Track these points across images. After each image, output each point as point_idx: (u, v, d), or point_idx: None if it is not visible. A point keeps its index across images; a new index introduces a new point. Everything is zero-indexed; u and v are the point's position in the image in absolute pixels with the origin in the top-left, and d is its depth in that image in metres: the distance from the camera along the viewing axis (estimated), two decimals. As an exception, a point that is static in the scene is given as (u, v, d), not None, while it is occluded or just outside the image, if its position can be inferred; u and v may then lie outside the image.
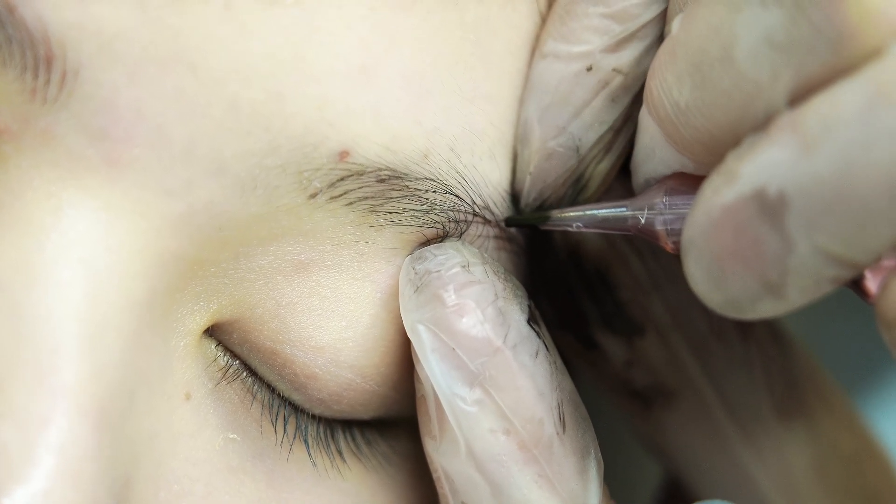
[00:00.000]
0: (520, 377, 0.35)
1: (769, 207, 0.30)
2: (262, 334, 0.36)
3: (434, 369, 0.35)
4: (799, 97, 0.30)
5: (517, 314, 0.36)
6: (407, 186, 0.35)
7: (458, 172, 0.36)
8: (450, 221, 0.36)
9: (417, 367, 0.36)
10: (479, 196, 0.36)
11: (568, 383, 0.36)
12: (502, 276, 0.36)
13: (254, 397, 0.37)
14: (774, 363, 0.41)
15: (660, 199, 0.35)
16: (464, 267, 0.36)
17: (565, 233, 0.39)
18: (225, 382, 0.36)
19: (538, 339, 0.36)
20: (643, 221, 0.35)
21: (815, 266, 0.30)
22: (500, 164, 0.37)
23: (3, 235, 0.33)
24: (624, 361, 0.41)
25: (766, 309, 0.31)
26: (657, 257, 0.40)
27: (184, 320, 0.35)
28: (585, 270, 0.40)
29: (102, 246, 0.33)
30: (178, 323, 0.35)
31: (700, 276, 0.32)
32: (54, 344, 0.32)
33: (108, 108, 0.32)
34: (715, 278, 0.31)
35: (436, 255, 0.36)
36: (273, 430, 0.37)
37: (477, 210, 0.37)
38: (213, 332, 0.36)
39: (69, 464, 0.32)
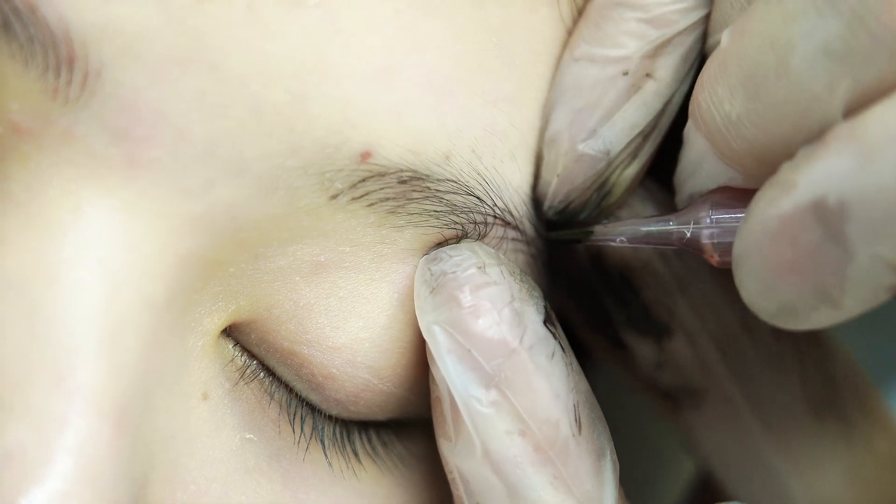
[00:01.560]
0: (536, 378, 0.35)
1: (828, 217, 0.30)
2: (279, 335, 0.36)
3: (450, 371, 0.35)
4: (855, 107, 0.30)
5: (533, 315, 0.35)
6: (428, 188, 0.35)
7: (479, 174, 0.36)
8: (470, 223, 0.36)
9: (433, 369, 0.35)
10: (500, 198, 0.36)
11: (584, 384, 0.36)
12: (518, 277, 0.36)
13: (271, 397, 0.36)
14: (809, 360, 0.41)
15: (705, 213, 0.35)
16: (480, 268, 0.35)
17: (579, 227, 0.39)
18: (243, 383, 0.36)
19: (554, 341, 0.35)
20: (689, 235, 0.35)
21: (874, 275, 0.30)
22: (520, 166, 0.37)
23: (22, 234, 0.32)
24: (653, 363, 0.41)
25: (821, 319, 0.31)
26: (681, 257, 0.40)
27: (201, 320, 0.35)
28: (608, 273, 0.40)
29: (121, 246, 0.33)
30: (195, 323, 0.35)
31: (754, 288, 0.32)
32: (72, 344, 0.32)
33: (130, 109, 0.32)
34: (770, 289, 0.31)
35: (451, 256, 0.36)
36: (291, 430, 0.37)
37: (497, 212, 0.36)
38: (231, 333, 0.36)
39: (87, 465, 0.32)
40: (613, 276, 0.40)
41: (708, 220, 0.35)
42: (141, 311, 0.33)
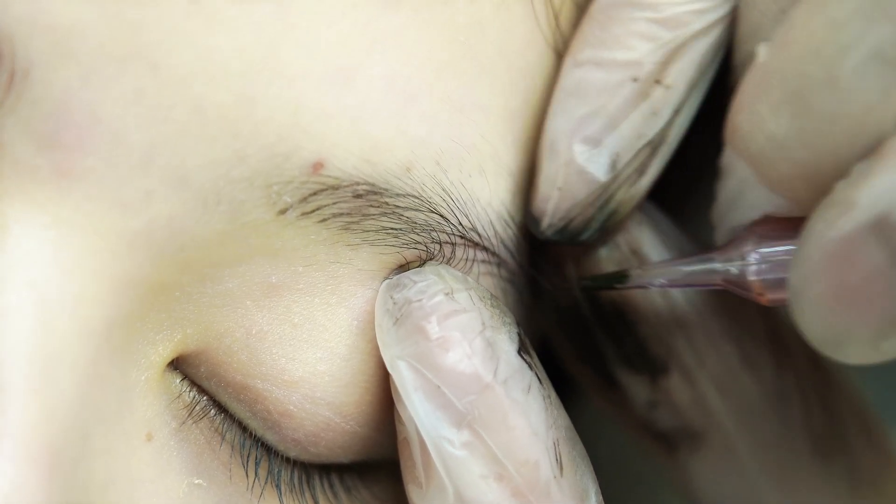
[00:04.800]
0: (512, 415, 0.33)
1: (893, 235, 0.29)
2: (231, 367, 0.34)
3: (418, 410, 0.33)
4: None
5: (506, 344, 0.34)
6: (386, 203, 0.33)
7: (443, 189, 0.34)
8: (433, 242, 0.35)
9: (399, 407, 0.34)
10: (466, 216, 0.35)
11: (563, 419, 0.35)
12: (489, 303, 0.35)
13: (223, 438, 0.35)
14: (813, 396, 0.39)
15: (751, 247, 0.34)
16: (447, 294, 0.34)
17: (577, 262, 0.38)
18: (191, 421, 0.35)
19: (530, 372, 0.34)
20: (735, 273, 0.34)
21: None
22: (490, 181, 0.35)
23: None
24: (647, 402, 0.39)
25: (891, 349, 0.30)
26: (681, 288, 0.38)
27: (145, 351, 0.33)
28: (601, 305, 0.39)
29: (52, 267, 0.31)
30: (138, 354, 0.33)
31: (816, 320, 0.31)
32: None
33: (60, 112, 0.31)
34: (832, 319, 0.30)
35: (416, 282, 0.34)
36: (244, 473, 0.35)
37: (463, 232, 0.35)
38: (178, 365, 0.35)
39: None
40: (607, 308, 0.38)
41: (755, 256, 0.34)
42: (77, 342, 0.32)
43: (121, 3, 0.30)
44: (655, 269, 0.36)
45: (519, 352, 0.34)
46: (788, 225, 0.33)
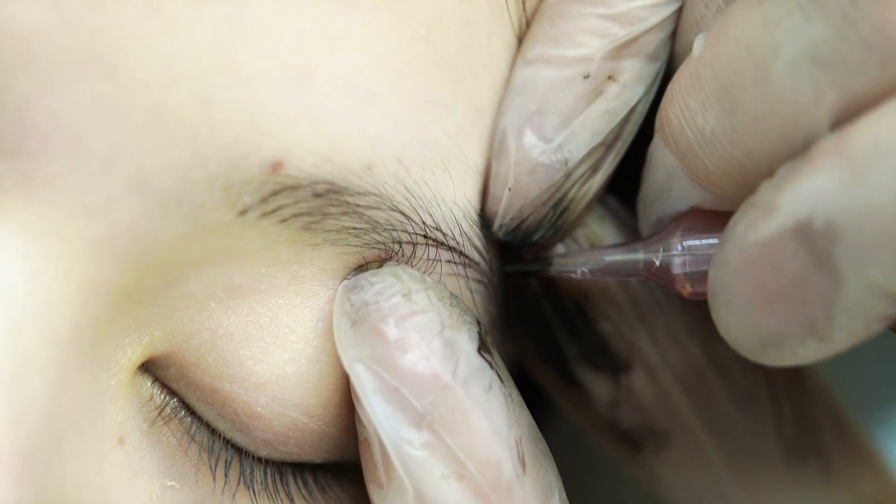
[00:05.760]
0: (473, 415, 0.33)
1: (815, 241, 0.28)
2: (199, 369, 0.34)
3: (377, 412, 0.33)
4: (843, 119, 0.28)
5: (466, 344, 0.33)
6: (347, 202, 0.33)
7: (405, 187, 0.34)
8: (394, 242, 0.34)
9: (358, 409, 0.34)
10: (430, 215, 0.34)
11: (526, 417, 0.34)
12: (448, 302, 0.34)
13: (192, 439, 0.35)
14: (784, 397, 0.39)
15: (677, 240, 0.34)
16: (405, 296, 0.34)
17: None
18: (161, 422, 0.34)
19: (491, 371, 0.34)
20: (658, 265, 0.34)
21: (866, 304, 0.28)
22: (454, 179, 0.35)
23: None
24: (609, 401, 0.39)
25: (808, 354, 0.30)
26: (642, 283, 0.38)
27: (115, 355, 0.33)
28: (561, 300, 0.38)
29: (19, 273, 0.31)
30: (108, 358, 0.33)
31: (733, 321, 0.30)
32: None
33: (21, 119, 0.30)
34: (751, 322, 0.30)
35: (373, 284, 0.34)
36: (215, 475, 0.35)
37: (427, 231, 0.34)
38: (149, 368, 0.34)
39: None
40: (567, 304, 0.38)
41: (679, 248, 0.34)
42: (45, 347, 0.31)
43: (80, 8, 0.30)
44: (578, 257, 0.35)
45: (479, 351, 0.34)
46: (717, 219, 0.32)
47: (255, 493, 0.35)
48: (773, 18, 0.29)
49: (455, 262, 0.35)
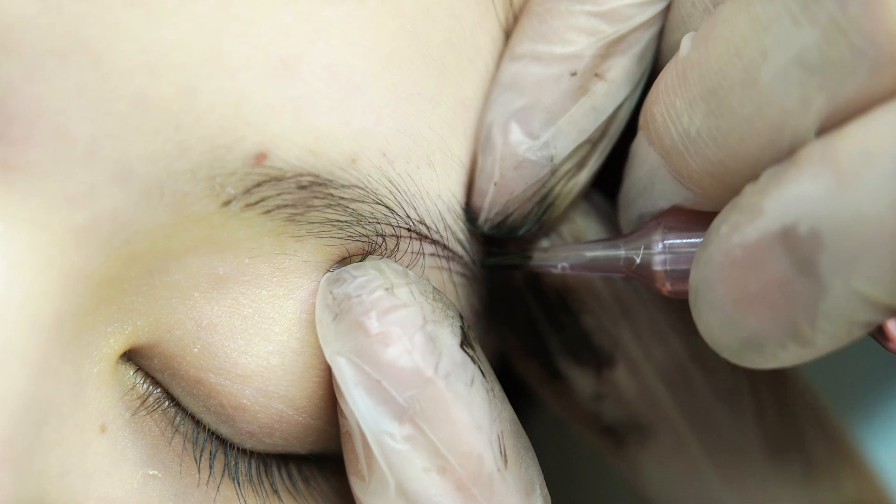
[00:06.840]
0: (454, 409, 0.33)
1: (799, 246, 0.28)
2: (184, 360, 0.34)
3: (358, 405, 0.33)
4: (830, 125, 0.29)
5: (448, 339, 0.33)
6: (331, 194, 0.33)
7: (389, 181, 0.33)
8: (377, 235, 0.34)
9: (341, 402, 0.33)
10: (414, 208, 0.34)
11: (508, 412, 0.34)
12: (431, 296, 0.34)
13: (175, 430, 0.35)
14: (766, 394, 0.39)
15: (658, 237, 0.33)
16: (387, 289, 0.33)
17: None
18: (144, 412, 0.34)
19: (473, 365, 0.33)
20: (639, 262, 0.34)
21: (849, 310, 0.28)
22: (438, 173, 0.35)
23: None
24: (592, 394, 0.39)
25: (789, 357, 0.30)
26: (626, 279, 0.38)
27: (97, 344, 0.33)
28: (545, 295, 0.38)
29: (0, 262, 0.31)
30: (90, 347, 0.33)
31: (714, 321, 0.30)
32: None
33: (4, 106, 0.30)
34: (732, 324, 0.30)
35: (355, 277, 0.34)
36: (199, 465, 0.35)
37: (411, 224, 0.34)
38: (132, 357, 0.34)
39: None
40: (550, 297, 0.38)
41: (660, 246, 0.34)
42: (26, 335, 0.31)
43: None
44: (559, 252, 0.35)
45: (462, 345, 0.34)
46: (699, 218, 0.32)
47: (239, 485, 0.35)
48: (763, 22, 0.29)
49: (439, 256, 0.35)
